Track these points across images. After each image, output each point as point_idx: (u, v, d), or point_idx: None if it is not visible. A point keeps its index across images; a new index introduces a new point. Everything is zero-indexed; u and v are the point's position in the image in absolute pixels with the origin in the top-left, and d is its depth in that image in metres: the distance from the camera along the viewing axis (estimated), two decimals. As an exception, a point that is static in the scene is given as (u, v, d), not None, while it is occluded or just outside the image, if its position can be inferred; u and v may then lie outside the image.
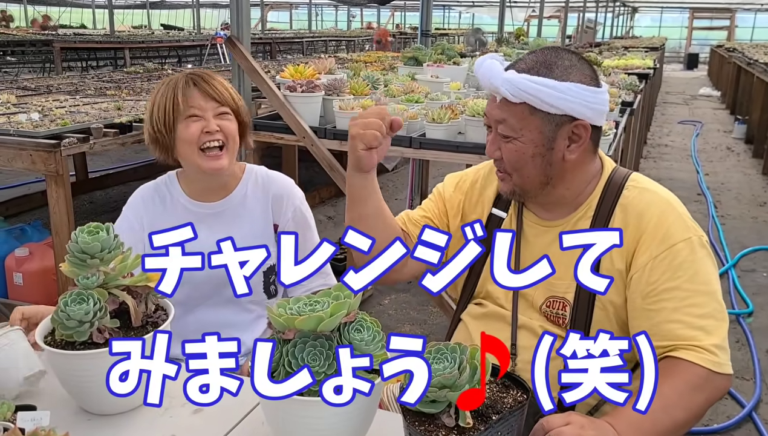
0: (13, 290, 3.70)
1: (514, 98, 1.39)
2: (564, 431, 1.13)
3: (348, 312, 1.12)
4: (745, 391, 3.36)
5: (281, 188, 1.95)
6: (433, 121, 3.21)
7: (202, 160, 1.79)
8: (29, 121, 3.57)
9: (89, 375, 1.28)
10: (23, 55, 13.95)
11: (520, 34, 8.38)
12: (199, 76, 1.82)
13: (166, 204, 1.91)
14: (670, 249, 1.39)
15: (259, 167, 1.99)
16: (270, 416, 1.20)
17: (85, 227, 1.34)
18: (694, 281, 1.37)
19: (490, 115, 1.48)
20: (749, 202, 6.92)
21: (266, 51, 16.00)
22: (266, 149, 3.84)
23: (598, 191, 1.51)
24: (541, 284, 1.49)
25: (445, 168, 8.44)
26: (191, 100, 1.77)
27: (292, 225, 1.92)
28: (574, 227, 1.51)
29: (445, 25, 31.91)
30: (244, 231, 1.88)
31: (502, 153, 1.47)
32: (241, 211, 1.91)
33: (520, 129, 1.42)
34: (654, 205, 1.44)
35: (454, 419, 1.03)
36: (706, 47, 26.97)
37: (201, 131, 1.77)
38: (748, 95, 10.92)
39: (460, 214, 1.68)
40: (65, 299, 1.29)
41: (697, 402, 1.29)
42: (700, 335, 1.33)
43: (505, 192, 1.53)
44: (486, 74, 1.42)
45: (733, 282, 4.69)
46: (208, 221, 1.87)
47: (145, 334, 1.32)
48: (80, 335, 1.27)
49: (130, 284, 1.36)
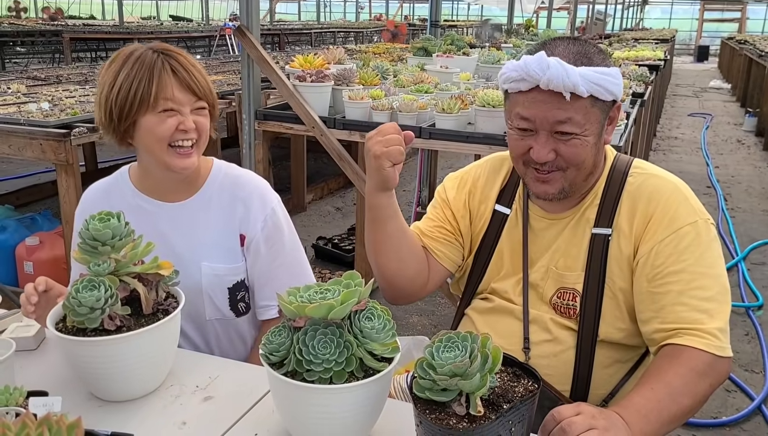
0: (24, 279, 3.72)
1: (586, 93, 1.34)
2: (575, 420, 1.12)
3: (359, 300, 1.12)
4: (755, 384, 3.34)
5: (250, 194, 1.69)
6: (443, 112, 3.20)
7: (170, 158, 1.57)
8: (39, 111, 3.58)
9: (100, 362, 1.29)
10: (33, 46, 13.99)
11: (529, 25, 8.33)
12: (175, 59, 1.57)
13: (115, 205, 1.59)
14: (677, 232, 1.39)
15: (228, 166, 1.75)
16: (280, 404, 1.20)
17: (96, 214, 1.35)
18: (699, 263, 1.37)
19: (546, 117, 1.37)
20: (759, 195, 6.88)
21: (275, 42, 15.98)
22: (275, 140, 3.84)
23: (602, 180, 1.51)
24: (551, 275, 1.50)
25: (454, 159, 8.44)
26: (168, 92, 1.53)
27: (262, 239, 1.68)
28: (582, 217, 1.50)
29: (454, 16, 31.77)
30: (206, 239, 1.67)
31: (560, 153, 1.39)
32: (205, 215, 1.68)
33: (584, 124, 1.37)
34: (661, 191, 1.45)
35: (465, 407, 1.03)
36: (717, 39, 26.73)
37: (176, 128, 1.55)
38: (759, 88, 10.85)
39: (468, 214, 1.66)
40: (76, 285, 1.29)
41: (702, 388, 1.29)
42: (703, 318, 1.33)
43: (551, 193, 1.45)
44: (560, 74, 1.32)
45: (743, 275, 4.66)
46: (165, 224, 1.66)
47: (155, 321, 1.32)
48: (91, 321, 1.28)
49: (141, 271, 1.36)
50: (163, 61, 1.55)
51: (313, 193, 6.28)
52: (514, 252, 1.58)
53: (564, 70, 1.32)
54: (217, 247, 1.67)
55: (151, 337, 1.30)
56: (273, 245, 1.70)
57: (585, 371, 1.47)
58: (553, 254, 1.52)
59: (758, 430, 3.02)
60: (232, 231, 1.68)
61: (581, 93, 1.33)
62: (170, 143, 1.57)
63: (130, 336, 1.28)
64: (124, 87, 1.53)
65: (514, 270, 1.58)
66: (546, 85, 1.34)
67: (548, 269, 1.52)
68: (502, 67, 1.45)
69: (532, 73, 1.34)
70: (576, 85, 1.32)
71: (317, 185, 6.42)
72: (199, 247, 1.67)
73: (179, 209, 1.67)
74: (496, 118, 3.09)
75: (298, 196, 5.85)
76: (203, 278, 1.66)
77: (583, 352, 1.47)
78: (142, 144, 1.59)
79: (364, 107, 3.38)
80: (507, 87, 1.42)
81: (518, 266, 1.57)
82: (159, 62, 1.55)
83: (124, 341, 1.28)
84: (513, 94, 1.42)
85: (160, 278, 1.37)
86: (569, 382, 1.48)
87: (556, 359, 1.49)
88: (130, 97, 1.52)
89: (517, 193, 1.60)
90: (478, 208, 1.64)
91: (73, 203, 3.29)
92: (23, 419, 0.86)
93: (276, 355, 1.14)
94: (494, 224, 1.61)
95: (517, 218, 1.59)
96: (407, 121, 3.27)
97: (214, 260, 1.67)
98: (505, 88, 1.44)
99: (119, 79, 1.53)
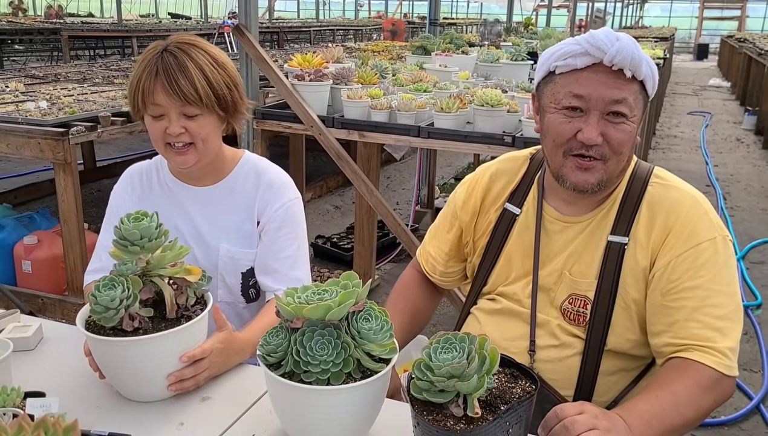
0: (22, 278, 3.72)
1: (644, 75, 1.35)
2: (578, 419, 1.12)
3: (356, 301, 1.12)
4: (753, 383, 3.35)
5: (272, 182, 1.74)
6: (442, 111, 3.20)
7: (168, 154, 1.64)
8: (37, 110, 3.58)
9: (114, 361, 1.30)
10: (31, 44, 13.98)
11: (528, 23, 8.32)
12: (168, 61, 1.54)
13: (152, 184, 1.77)
14: (695, 248, 1.37)
15: (258, 159, 1.80)
16: (278, 405, 1.20)
17: (133, 212, 1.33)
18: (715, 281, 1.36)
19: (603, 95, 1.34)
20: (758, 193, 6.88)
21: (274, 40, 15.95)
22: (274, 138, 3.83)
23: (622, 186, 1.47)
24: (564, 281, 1.48)
25: (453, 157, 8.40)
26: (154, 96, 1.54)
27: (275, 225, 1.72)
28: (599, 223, 1.47)
29: (454, 14, 31.75)
30: (227, 223, 1.74)
31: (608, 137, 1.36)
32: (228, 201, 1.74)
33: (634, 108, 1.36)
34: (681, 204, 1.42)
35: (463, 408, 1.03)
36: (717, 37, 26.74)
37: (164, 131, 1.57)
38: (759, 86, 10.85)
39: (475, 218, 1.65)
40: (98, 283, 1.28)
41: (706, 403, 1.29)
42: (716, 337, 1.32)
43: (591, 184, 1.40)
44: (630, 48, 1.31)
45: (742, 274, 4.67)
46: (191, 205, 1.74)
47: (176, 326, 1.30)
48: (107, 320, 1.27)
49: (170, 274, 1.33)
50: (156, 62, 1.54)
51: (312, 191, 6.28)
52: (524, 254, 1.55)
53: (634, 45, 1.33)
54: (236, 231, 1.73)
55: (153, 345, 1.29)
56: (285, 234, 1.73)
57: (589, 377, 1.45)
58: (568, 259, 1.48)
59: (756, 429, 3.02)
60: (251, 217, 1.74)
61: (642, 73, 1.34)
62: (166, 142, 1.61)
63: (130, 341, 1.27)
64: (132, 86, 1.59)
65: (524, 272, 1.55)
66: (611, 59, 1.31)
67: (562, 273, 1.49)
68: (553, 47, 1.42)
69: (600, 44, 1.32)
70: (641, 61, 1.32)
71: (316, 184, 6.42)
72: (219, 230, 1.73)
73: (205, 193, 1.74)
74: (494, 117, 3.09)
75: (297, 194, 5.84)
76: (220, 259, 1.73)
77: (589, 359, 1.45)
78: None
79: (362, 106, 3.38)
80: (559, 64, 1.37)
81: (529, 268, 1.54)
82: (153, 63, 1.54)
83: (120, 345, 1.27)
84: (562, 76, 1.38)
85: (188, 283, 1.35)
86: (573, 387, 1.46)
87: (561, 363, 1.47)
88: (134, 98, 1.59)
89: (530, 193, 1.57)
90: (488, 209, 1.62)
91: (71, 202, 3.29)
92: (20, 421, 0.86)
93: (273, 356, 1.14)
94: (503, 224, 1.59)
95: (528, 219, 1.55)
96: (406, 121, 3.27)
97: (233, 243, 1.73)
98: (551, 69, 1.40)
99: (131, 77, 1.60)
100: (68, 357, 1.51)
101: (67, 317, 3.44)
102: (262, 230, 1.73)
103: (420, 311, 1.77)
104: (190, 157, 1.61)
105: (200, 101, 1.55)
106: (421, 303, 1.78)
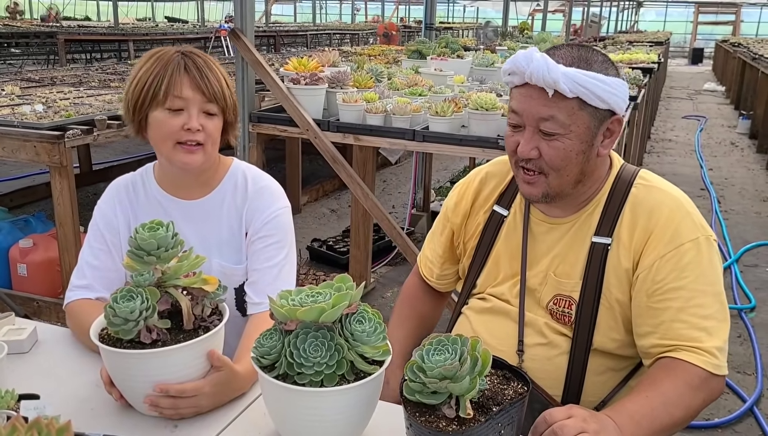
0: (18, 281, 3.71)
1: (570, 93, 1.33)
2: (566, 424, 1.13)
3: (350, 303, 1.13)
4: (747, 386, 3.36)
5: (261, 191, 1.71)
6: (437, 115, 3.21)
7: (174, 153, 1.58)
8: (33, 113, 3.58)
9: (130, 374, 1.27)
10: (27, 47, 13.98)
11: (524, 28, 8.36)
12: (192, 60, 1.58)
13: (140, 197, 1.70)
14: (678, 249, 1.38)
15: (247, 166, 1.77)
16: (271, 407, 1.20)
17: (148, 222, 1.31)
18: (699, 281, 1.37)
19: (531, 112, 1.38)
20: (753, 197, 6.91)
21: (270, 44, 15.96)
22: (269, 142, 3.84)
23: (606, 188, 1.49)
24: (549, 281, 1.49)
25: (449, 161, 8.42)
26: (178, 89, 1.54)
27: (261, 234, 1.68)
28: (583, 224, 1.49)
29: (450, 18, 31.81)
30: (218, 237, 1.69)
31: (542, 152, 1.39)
32: (218, 214, 1.70)
33: (569, 125, 1.36)
34: (663, 205, 1.43)
35: (455, 410, 1.04)
36: (711, 42, 26.82)
37: (181, 127, 1.55)
38: (753, 90, 10.89)
39: (465, 221, 1.67)
40: (115, 295, 1.26)
41: (696, 402, 1.31)
42: (702, 337, 1.33)
43: (535, 196, 1.45)
44: (541, 69, 1.32)
45: (736, 277, 4.69)
46: (180, 220, 1.66)
47: (194, 338, 1.28)
48: (126, 333, 1.24)
49: (186, 284, 1.31)
50: (180, 60, 1.57)
51: (308, 195, 6.29)
52: (512, 255, 1.57)
53: (546, 65, 1.32)
54: (228, 245, 1.69)
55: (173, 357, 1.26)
56: (272, 244, 1.68)
57: (577, 377, 1.46)
58: (553, 260, 1.50)
59: (750, 432, 3.03)
60: (240, 229, 1.70)
61: (563, 91, 1.33)
62: (177, 141, 1.58)
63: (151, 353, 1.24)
64: (141, 81, 1.56)
65: (512, 273, 1.57)
66: (529, 79, 1.35)
67: (547, 274, 1.50)
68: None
69: (518, 64, 1.36)
70: (556, 81, 1.32)
71: (312, 187, 6.43)
72: (211, 244, 1.68)
73: (194, 207, 1.70)
74: (489, 121, 3.10)
75: (292, 198, 5.79)
76: (213, 275, 1.66)
77: (576, 359, 1.46)
78: (152, 139, 1.61)
79: (358, 110, 3.39)
80: (506, 80, 1.44)
81: (516, 269, 1.55)
82: (176, 60, 1.57)
83: (139, 358, 1.24)
84: (511, 90, 1.44)
85: (205, 293, 1.33)
86: (561, 387, 1.47)
87: (550, 363, 1.48)
88: (144, 91, 1.55)
89: (518, 195, 1.58)
90: (478, 211, 1.64)
91: (67, 205, 3.29)
92: (13, 422, 0.86)
93: (267, 358, 1.15)
94: (491, 226, 1.61)
95: (516, 221, 1.58)
96: (401, 124, 3.28)
97: (225, 258, 1.69)
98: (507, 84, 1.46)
99: (139, 74, 1.57)
100: (63, 360, 1.51)
101: (62, 321, 3.42)
102: (250, 240, 1.69)
103: (425, 316, 1.80)
104: (198, 157, 1.59)
105: (222, 100, 1.59)
106: (426, 309, 1.81)
